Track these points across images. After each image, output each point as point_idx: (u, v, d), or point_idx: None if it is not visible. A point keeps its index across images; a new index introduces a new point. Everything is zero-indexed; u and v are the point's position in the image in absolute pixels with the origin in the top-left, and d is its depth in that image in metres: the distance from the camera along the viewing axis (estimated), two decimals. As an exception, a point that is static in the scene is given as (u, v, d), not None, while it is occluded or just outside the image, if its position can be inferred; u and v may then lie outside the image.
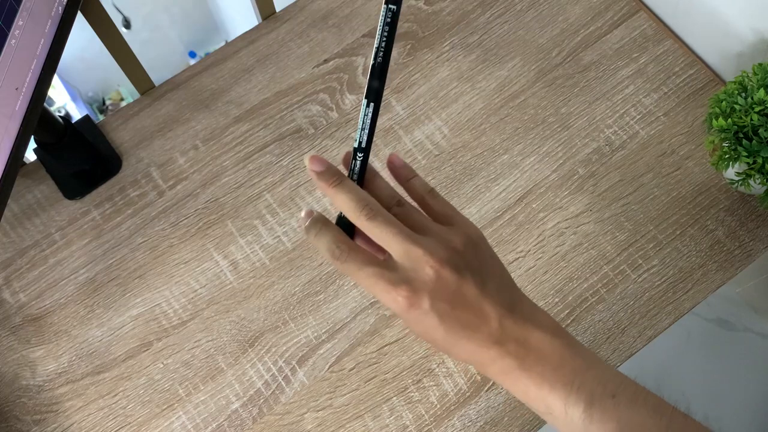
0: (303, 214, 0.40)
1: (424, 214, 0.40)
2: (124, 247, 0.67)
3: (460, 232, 0.39)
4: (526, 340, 0.37)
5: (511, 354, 0.37)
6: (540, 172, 0.70)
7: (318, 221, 0.39)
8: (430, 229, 0.39)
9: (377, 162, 0.71)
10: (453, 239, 0.38)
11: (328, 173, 0.39)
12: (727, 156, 0.60)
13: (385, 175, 0.42)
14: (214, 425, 0.61)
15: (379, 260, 0.38)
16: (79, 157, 0.68)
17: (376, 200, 0.39)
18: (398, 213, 0.39)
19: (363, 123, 0.39)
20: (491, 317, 0.37)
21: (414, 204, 0.41)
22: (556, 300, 0.65)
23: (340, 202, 0.38)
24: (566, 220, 0.68)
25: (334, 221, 0.40)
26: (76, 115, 2.48)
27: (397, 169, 0.42)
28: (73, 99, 2.52)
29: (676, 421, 0.37)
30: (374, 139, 0.73)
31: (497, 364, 0.37)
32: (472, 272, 0.37)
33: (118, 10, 2.37)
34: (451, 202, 0.67)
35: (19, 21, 0.52)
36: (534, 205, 0.68)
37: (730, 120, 0.59)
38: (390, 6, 0.37)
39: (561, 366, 0.37)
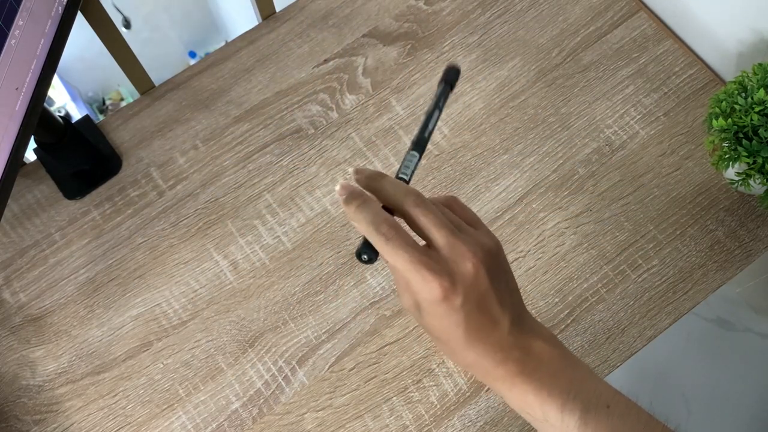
0: (339, 186, 0.38)
1: (454, 215, 0.40)
2: (124, 247, 0.67)
3: (490, 235, 0.40)
4: (529, 348, 0.38)
5: (514, 360, 0.37)
6: (540, 172, 0.70)
7: (359, 194, 0.38)
8: (465, 229, 0.39)
9: (377, 162, 0.71)
10: (487, 241, 0.38)
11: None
12: (727, 156, 0.60)
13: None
14: (214, 425, 0.61)
15: (420, 246, 0.37)
16: (79, 157, 0.68)
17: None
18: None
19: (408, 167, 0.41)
20: (504, 324, 0.38)
21: None
22: (556, 300, 0.65)
23: (387, 185, 0.38)
24: (566, 220, 0.68)
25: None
26: (76, 115, 2.48)
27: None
28: (73, 99, 2.52)
29: None
30: (374, 140, 0.74)
31: (499, 369, 0.38)
32: (499, 278, 0.38)
33: (118, 10, 2.38)
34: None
35: (19, 21, 0.52)
36: (534, 205, 0.68)
37: (730, 120, 0.59)
38: (446, 86, 0.43)
39: (559, 375, 0.38)
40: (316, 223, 0.68)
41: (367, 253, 0.37)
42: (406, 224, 0.39)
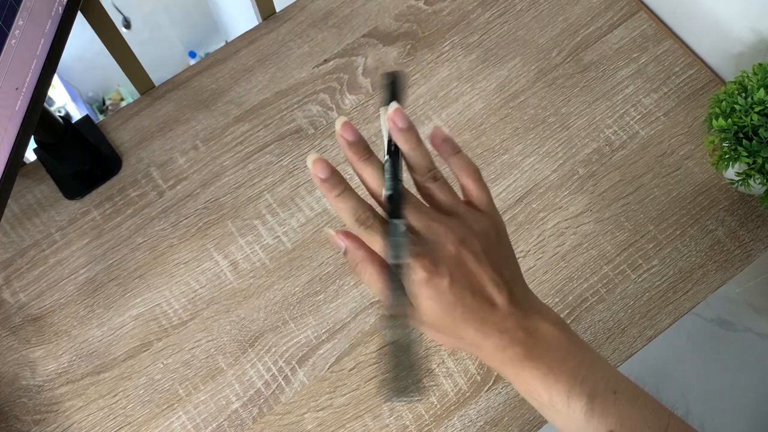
0: (312, 160, 0.38)
1: (455, 193, 0.40)
2: (124, 247, 0.67)
3: (488, 218, 0.39)
4: (535, 331, 0.38)
5: (520, 343, 0.37)
6: (540, 172, 0.70)
7: (342, 182, 0.38)
8: (458, 210, 0.39)
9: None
10: (480, 223, 0.38)
11: (358, 146, 0.39)
12: (727, 156, 0.60)
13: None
14: (214, 425, 0.61)
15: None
16: (79, 157, 0.68)
17: (414, 167, 0.39)
18: (430, 187, 0.39)
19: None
20: (501, 304, 0.37)
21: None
22: (556, 300, 0.65)
23: (366, 176, 0.38)
24: (566, 220, 0.68)
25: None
26: (76, 115, 2.48)
27: (441, 143, 0.41)
28: (73, 99, 2.52)
29: (675, 422, 0.37)
30: (374, 140, 0.73)
31: (505, 352, 0.37)
32: (491, 259, 0.38)
33: (118, 10, 2.38)
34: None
35: (19, 21, 0.52)
36: (534, 205, 0.68)
37: (730, 120, 0.59)
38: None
39: (566, 359, 0.38)
40: (316, 223, 0.68)
41: (405, 396, 0.35)
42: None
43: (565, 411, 0.37)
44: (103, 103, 2.78)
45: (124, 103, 2.57)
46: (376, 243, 0.37)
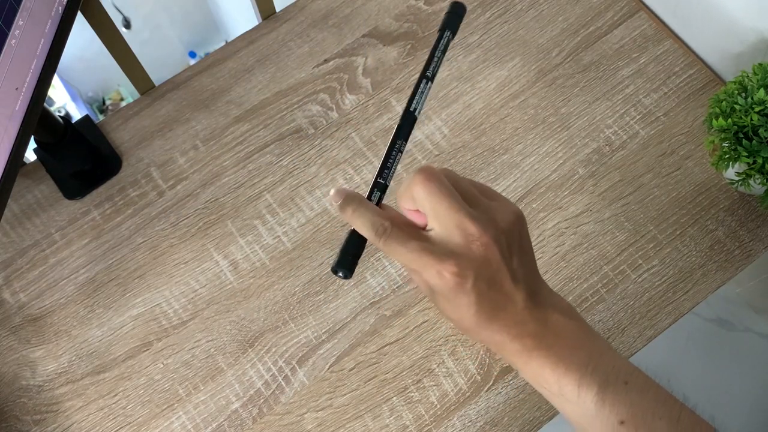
0: (333, 192, 0.39)
1: (471, 186, 0.39)
2: (124, 247, 0.67)
3: (507, 208, 0.39)
4: (546, 321, 0.37)
5: (530, 334, 0.37)
6: (540, 172, 0.70)
7: (354, 198, 0.38)
8: (480, 202, 0.38)
9: (377, 162, 0.70)
10: (502, 216, 0.38)
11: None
12: (727, 156, 0.60)
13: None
14: (214, 425, 0.61)
15: (421, 233, 0.37)
16: (79, 157, 0.68)
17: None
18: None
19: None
20: (519, 299, 0.37)
21: None
22: (556, 300, 0.65)
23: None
24: (566, 220, 0.68)
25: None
26: (76, 115, 2.48)
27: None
28: (73, 99, 2.52)
29: (686, 413, 0.37)
30: (374, 140, 0.74)
31: (515, 344, 0.37)
32: (513, 253, 0.37)
33: (118, 10, 2.38)
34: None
35: (19, 21, 0.52)
36: (534, 205, 0.68)
37: (730, 120, 0.59)
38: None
39: (577, 348, 0.37)
40: (316, 223, 0.68)
41: (342, 269, 0.37)
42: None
43: (576, 400, 0.37)
44: (103, 103, 2.78)
45: (124, 103, 2.57)
46: (399, 254, 0.36)
